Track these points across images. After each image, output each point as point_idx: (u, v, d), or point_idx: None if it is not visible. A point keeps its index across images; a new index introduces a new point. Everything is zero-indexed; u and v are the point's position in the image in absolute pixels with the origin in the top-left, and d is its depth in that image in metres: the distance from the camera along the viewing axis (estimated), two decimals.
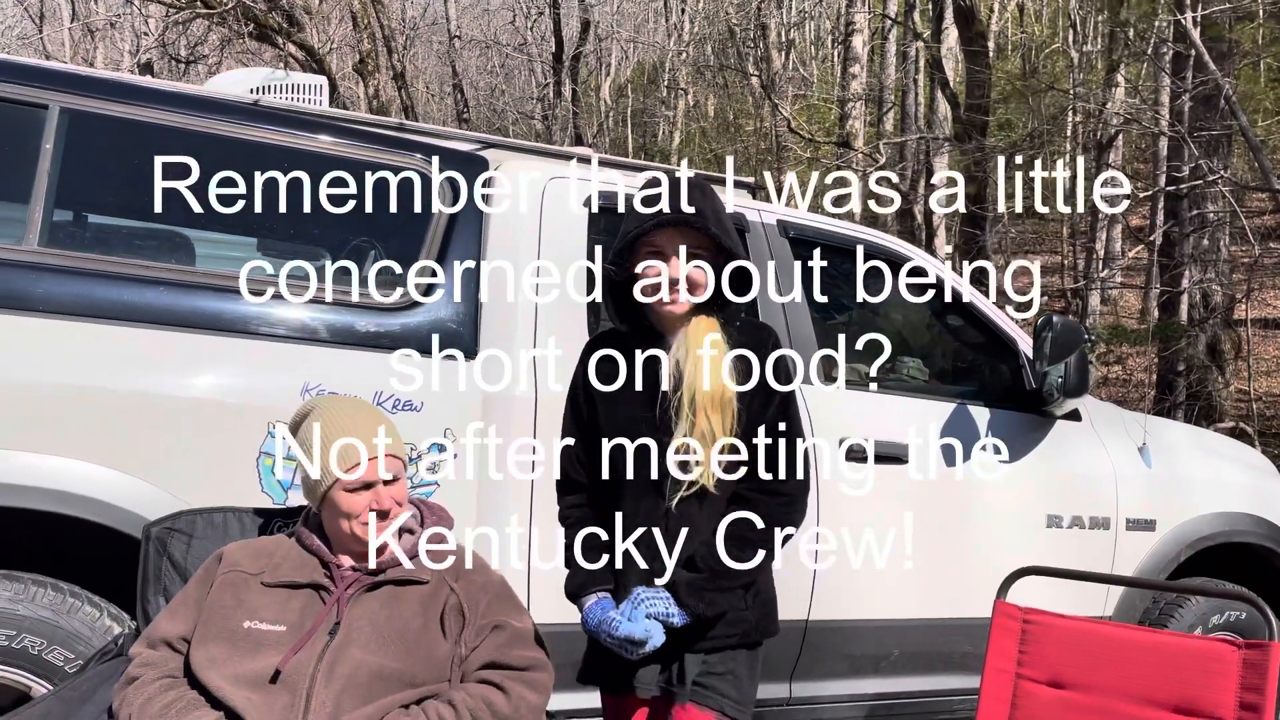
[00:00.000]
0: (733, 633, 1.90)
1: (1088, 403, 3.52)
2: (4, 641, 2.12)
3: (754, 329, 1.99)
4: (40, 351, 2.21)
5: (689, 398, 1.84)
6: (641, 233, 1.85)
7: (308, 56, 12.33)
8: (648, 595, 1.84)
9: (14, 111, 2.35)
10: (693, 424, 1.83)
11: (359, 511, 1.78)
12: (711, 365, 1.85)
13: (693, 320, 1.90)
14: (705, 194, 1.89)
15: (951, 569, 3.16)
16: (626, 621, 1.80)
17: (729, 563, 1.84)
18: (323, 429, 1.82)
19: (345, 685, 1.67)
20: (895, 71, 17.06)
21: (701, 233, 1.85)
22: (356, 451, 1.78)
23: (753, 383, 1.89)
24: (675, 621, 1.82)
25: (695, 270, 1.87)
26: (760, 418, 1.88)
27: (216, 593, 1.77)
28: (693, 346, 1.87)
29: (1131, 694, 1.86)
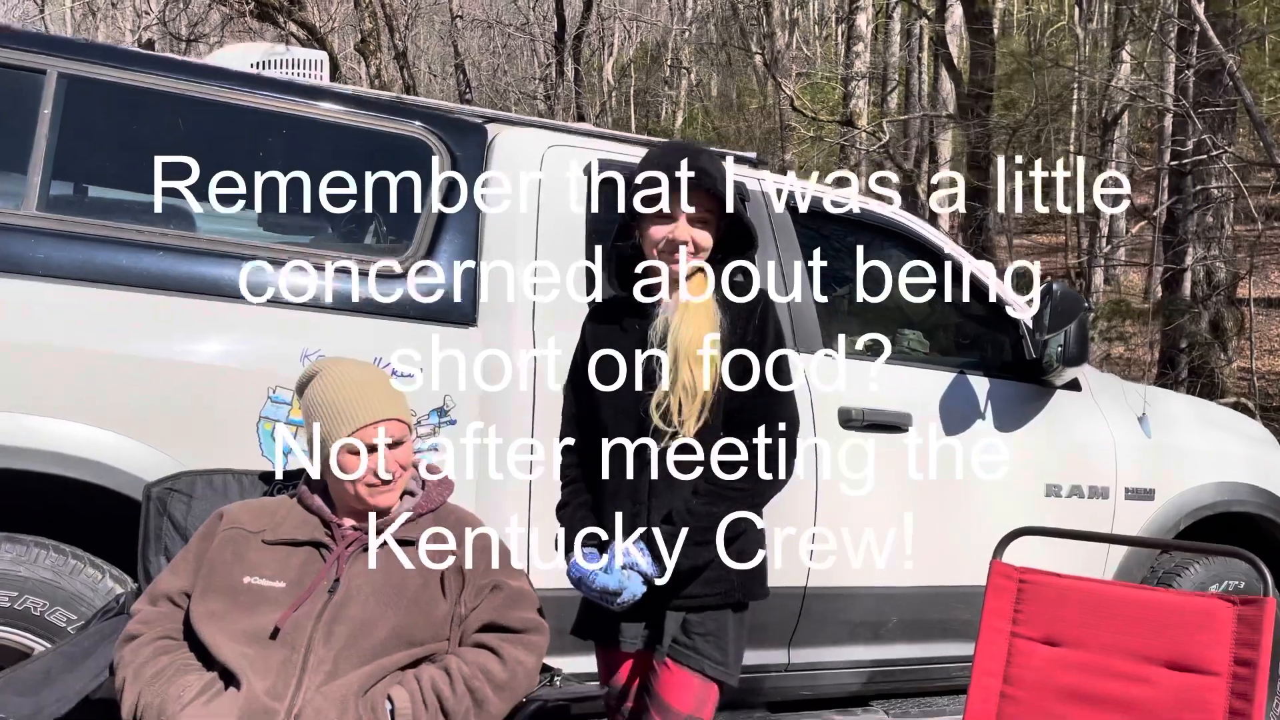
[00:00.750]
0: (713, 592, 1.91)
1: (1087, 372, 3.52)
2: (6, 603, 2.14)
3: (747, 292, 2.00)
4: (39, 315, 2.22)
5: (673, 352, 1.87)
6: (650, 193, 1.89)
7: (309, 35, 12.27)
8: (624, 546, 1.86)
9: (12, 77, 2.35)
10: (675, 376, 1.86)
11: (361, 474, 1.79)
12: (699, 321, 1.88)
13: (689, 279, 1.94)
14: (712, 157, 1.94)
15: (950, 537, 3.17)
16: (603, 574, 1.84)
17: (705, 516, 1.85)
18: (328, 392, 1.83)
19: (344, 644, 1.68)
20: (899, 50, 16.96)
21: (708, 193, 1.87)
22: (360, 414, 1.79)
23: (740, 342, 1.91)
24: (649, 571, 1.84)
25: (700, 232, 1.91)
26: (750, 374, 1.90)
27: (217, 549, 1.78)
28: (683, 304, 1.91)
29: (1126, 651, 1.87)
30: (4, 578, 2.14)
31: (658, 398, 1.87)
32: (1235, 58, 8.17)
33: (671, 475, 1.89)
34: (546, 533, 2.61)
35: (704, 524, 1.85)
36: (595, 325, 2.06)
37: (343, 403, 1.81)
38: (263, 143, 2.63)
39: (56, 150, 2.37)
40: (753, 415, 1.89)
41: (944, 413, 3.18)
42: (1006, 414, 3.28)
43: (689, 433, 1.86)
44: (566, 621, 2.14)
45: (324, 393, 1.83)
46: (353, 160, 2.76)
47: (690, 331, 1.86)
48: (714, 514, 1.86)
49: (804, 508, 2.91)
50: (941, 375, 3.24)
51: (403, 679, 1.70)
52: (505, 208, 2.76)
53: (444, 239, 2.68)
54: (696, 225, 1.91)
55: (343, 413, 1.80)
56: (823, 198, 3.29)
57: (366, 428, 1.79)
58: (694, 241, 1.90)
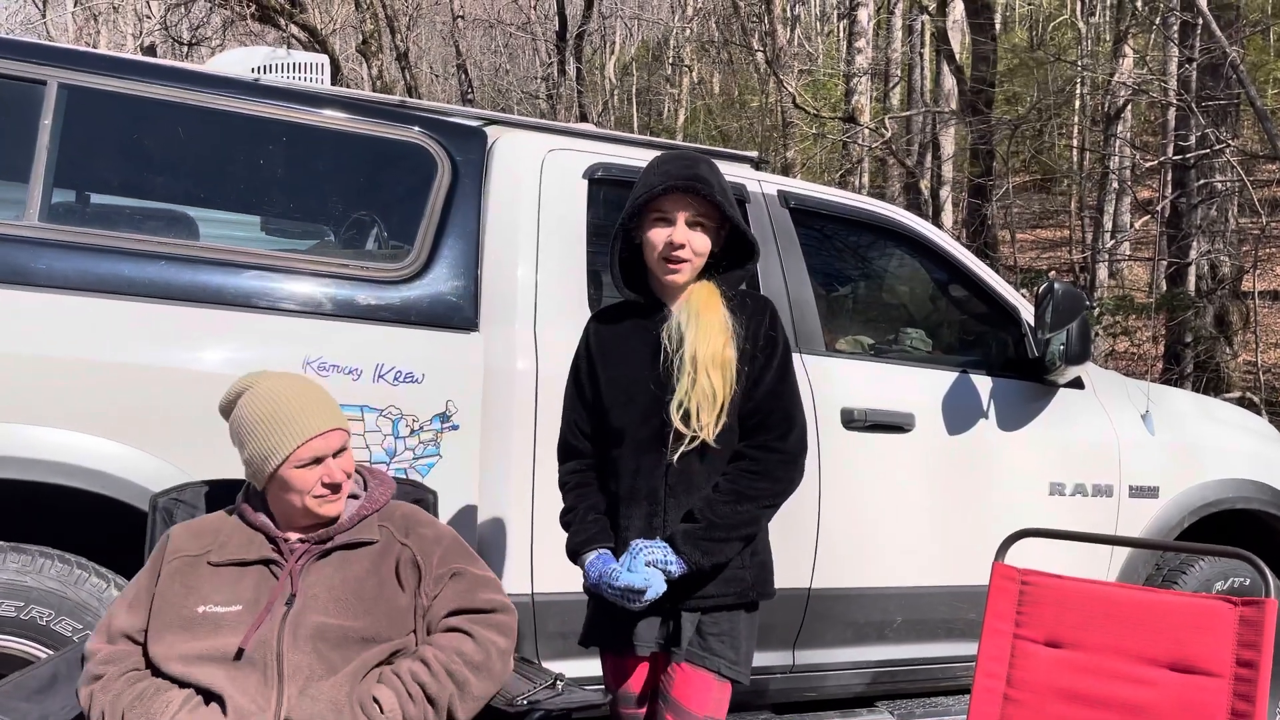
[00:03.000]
0: (729, 591, 1.94)
1: (1090, 370, 3.52)
2: (12, 613, 2.15)
3: (753, 299, 2.06)
4: (43, 326, 2.23)
5: (690, 356, 1.90)
6: (650, 197, 1.93)
7: (310, 38, 12.28)
8: (645, 544, 1.89)
9: (12, 88, 2.36)
10: (694, 381, 1.89)
11: (310, 486, 1.78)
12: (713, 326, 1.92)
13: (694, 286, 1.98)
14: (711, 167, 1.99)
15: (954, 537, 3.17)
16: (626, 571, 1.86)
17: (727, 514, 1.89)
18: (264, 408, 1.80)
19: (313, 647, 1.69)
20: (901, 46, 16.93)
21: (706, 200, 1.91)
22: (305, 428, 1.77)
23: (751, 348, 1.96)
24: (673, 570, 1.86)
25: (698, 236, 1.95)
26: (760, 379, 1.95)
27: (164, 583, 1.76)
28: (694, 310, 1.94)
29: (1128, 652, 1.87)
30: (10, 588, 2.15)
31: (678, 400, 1.90)
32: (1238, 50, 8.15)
33: (690, 476, 1.93)
34: (549, 537, 2.63)
35: (727, 522, 1.89)
36: (602, 330, 2.08)
37: (285, 418, 1.78)
38: (264, 150, 2.64)
39: (58, 160, 2.38)
40: (767, 418, 1.95)
41: (947, 412, 3.18)
42: (1009, 413, 3.28)
43: (710, 436, 1.90)
44: (571, 625, 2.15)
45: (261, 409, 1.80)
46: (353, 167, 2.77)
47: (709, 338, 1.90)
48: (737, 513, 1.90)
49: (807, 508, 2.92)
50: (944, 375, 3.24)
51: (384, 677, 1.71)
52: (506, 212, 2.77)
53: (445, 244, 2.68)
54: (694, 229, 1.95)
55: (286, 428, 1.77)
56: (823, 197, 3.29)
57: (312, 440, 1.78)
58: (692, 246, 1.94)
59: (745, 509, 1.91)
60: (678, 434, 1.90)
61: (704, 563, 1.88)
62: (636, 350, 1.99)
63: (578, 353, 2.11)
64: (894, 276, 3.77)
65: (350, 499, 1.91)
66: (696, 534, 1.88)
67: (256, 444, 1.79)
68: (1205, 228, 9.55)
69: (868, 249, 3.57)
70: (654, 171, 1.96)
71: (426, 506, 2.13)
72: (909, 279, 3.73)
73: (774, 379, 1.96)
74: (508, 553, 2.62)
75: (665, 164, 1.98)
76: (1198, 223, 9.62)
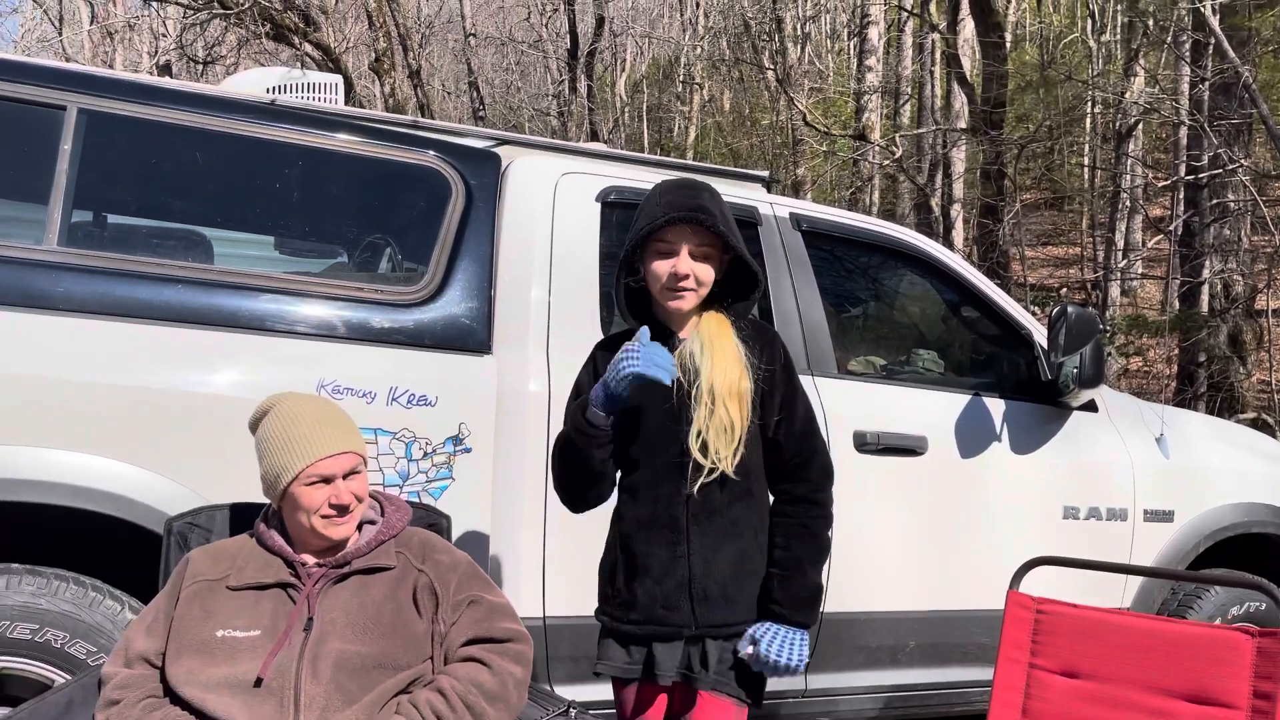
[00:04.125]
0: (747, 619, 1.93)
1: (1104, 393, 3.50)
2: (27, 635, 2.16)
3: (761, 330, 2.06)
4: (60, 349, 2.24)
5: (707, 388, 1.89)
6: (653, 229, 1.91)
7: (324, 55, 12.38)
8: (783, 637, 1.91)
9: (33, 113, 2.39)
10: (712, 412, 1.89)
11: (318, 506, 1.79)
12: (728, 356, 1.92)
13: (704, 316, 1.98)
14: (713, 195, 1.98)
15: (967, 561, 3.15)
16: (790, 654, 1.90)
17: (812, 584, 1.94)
18: (281, 425, 1.83)
19: (332, 677, 1.68)
20: (911, 63, 16.97)
21: (709, 230, 1.90)
22: (317, 447, 1.80)
23: (765, 380, 1.96)
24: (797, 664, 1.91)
25: (701, 267, 1.94)
26: (782, 419, 1.96)
27: (184, 607, 1.77)
28: (708, 340, 1.94)
29: (1145, 683, 1.85)
30: (26, 610, 2.16)
31: (696, 431, 1.89)
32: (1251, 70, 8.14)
33: (711, 504, 1.93)
34: (561, 560, 2.63)
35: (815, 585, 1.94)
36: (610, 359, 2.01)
37: (298, 437, 1.80)
38: (281, 174, 2.66)
39: (77, 184, 2.40)
40: (796, 460, 1.97)
41: (959, 435, 3.17)
42: (1023, 436, 3.27)
43: (729, 468, 1.90)
44: (583, 649, 2.14)
45: (279, 428, 1.83)
46: (369, 190, 2.79)
47: (724, 369, 1.90)
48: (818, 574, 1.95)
49: None
50: (957, 397, 3.23)
51: (401, 708, 1.70)
52: (519, 236, 2.78)
53: (459, 267, 2.69)
54: (698, 260, 1.93)
55: (298, 446, 1.80)
56: (835, 219, 3.30)
57: (323, 460, 1.79)
58: (695, 276, 1.92)
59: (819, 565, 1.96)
60: (696, 465, 1.90)
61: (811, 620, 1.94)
62: None
63: (580, 382, 2.08)
64: (906, 298, 3.77)
65: (367, 524, 1.91)
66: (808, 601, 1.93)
67: (270, 461, 1.82)
68: (1218, 247, 9.52)
69: (880, 271, 3.58)
70: (656, 202, 1.95)
71: (440, 531, 2.13)
72: (921, 301, 3.73)
73: (787, 407, 1.96)
74: (520, 576, 2.61)
75: (668, 194, 1.96)
76: (1210, 241, 9.59)
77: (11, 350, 2.20)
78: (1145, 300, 14.33)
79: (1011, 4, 17.87)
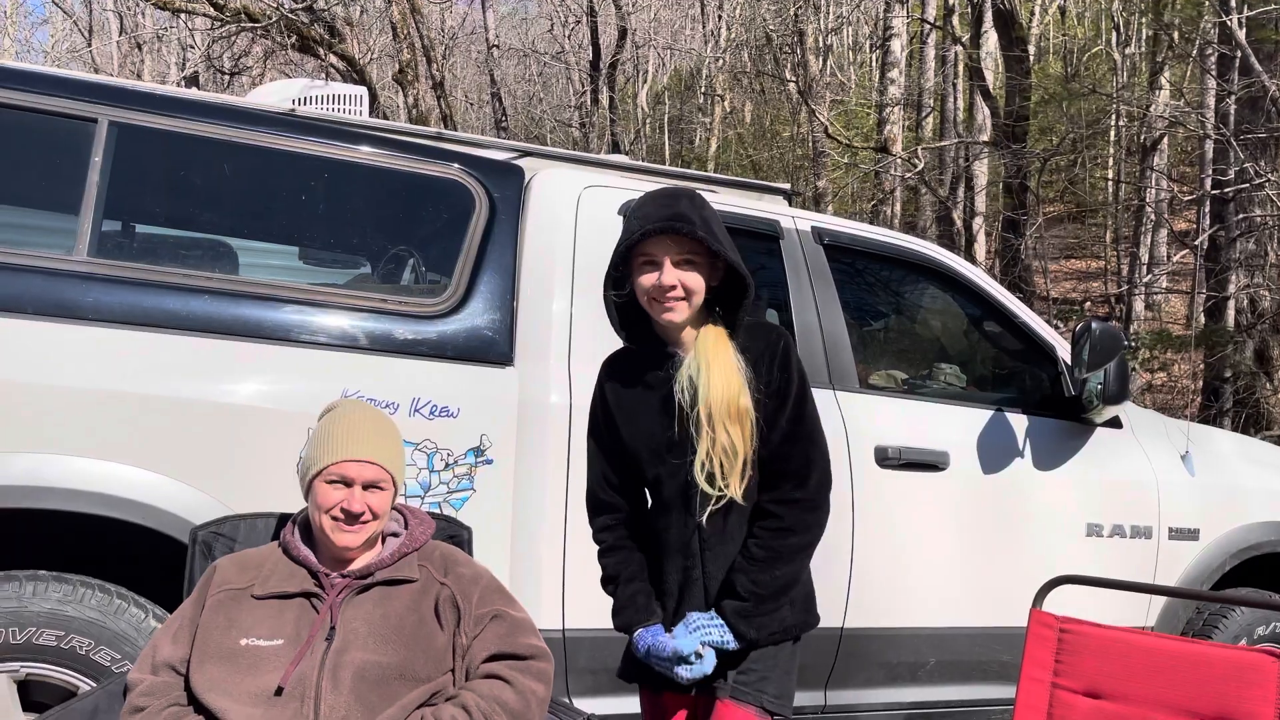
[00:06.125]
0: (774, 629, 1.91)
1: (1129, 410, 3.48)
2: (53, 642, 2.18)
3: (762, 331, 1.98)
4: (89, 359, 2.27)
5: (706, 413, 1.84)
6: (631, 243, 1.87)
7: (348, 67, 12.49)
8: (702, 623, 1.85)
9: (65, 125, 2.42)
10: (714, 439, 1.84)
11: (331, 506, 1.81)
12: (726, 374, 1.85)
13: (700, 331, 1.91)
14: (694, 201, 1.91)
15: (989, 578, 3.13)
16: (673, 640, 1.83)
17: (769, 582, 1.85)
18: (328, 423, 1.89)
19: (352, 688, 1.69)
20: (934, 76, 16.94)
21: (689, 238, 1.86)
22: (346, 449, 1.83)
23: (765, 387, 1.89)
24: (730, 647, 1.84)
25: (688, 275, 1.87)
26: (775, 421, 1.89)
27: (209, 615, 1.78)
28: (705, 359, 1.87)
29: (1169, 704, 1.83)
30: (52, 617, 2.18)
31: (700, 462, 1.85)
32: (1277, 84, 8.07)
33: (723, 529, 1.89)
34: (582, 572, 2.63)
35: (771, 590, 1.85)
36: (615, 384, 2.01)
37: (336, 435, 1.85)
38: (307, 186, 2.69)
39: (107, 196, 2.44)
40: (787, 464, 1.89)
41: (982, 451, 3.15)
42: (1046, 452, 3.24)
43: (737, 494, 1.85)
44: (604, 661, 2.14)
45: (325, 425, 1.90)
46: (392, 202, 2.81)
47: (721, 390, 1.84)
48: (777, 578, 1.86)
49: (841, 547, 2.90)
50: (979, 412, 3.21)
51: None
52: (542, 248, 2.79)
53: (482, 279, 2.71)
54: (684, 269, 1.87)
55: (330, 444, 1.84)
56: (857, 233, 3.29)
57: (348, 463, 1.82)
58: (683, 285, 1.87)
59: (784, 570, 1.87)
60: (704, 495, 1.86)
61: (759, 636, 1.86)
62: (651, 406, 1.94)
63: (593, 405, 2.06)
64: (928, 313, 3.76)
65: (390, 537, 1.93)
66: (747, 611, 1.85)
67: (307, 452, 1.89)
68: (1244, 261, 9.43)
69: (902, 285, 3.57)
70: (633, 216, 1.89)
71: (461, 543, 2.14)
72: (943, 315, 3.72)
73: (789, 421, 1.89)
74: (540, 587, 2.62)
75: (644, 206, 1.90)
76: (1237, 256, 9.50)
77: (42, 359, 2.23)
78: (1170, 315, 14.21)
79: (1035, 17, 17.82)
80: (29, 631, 2.16)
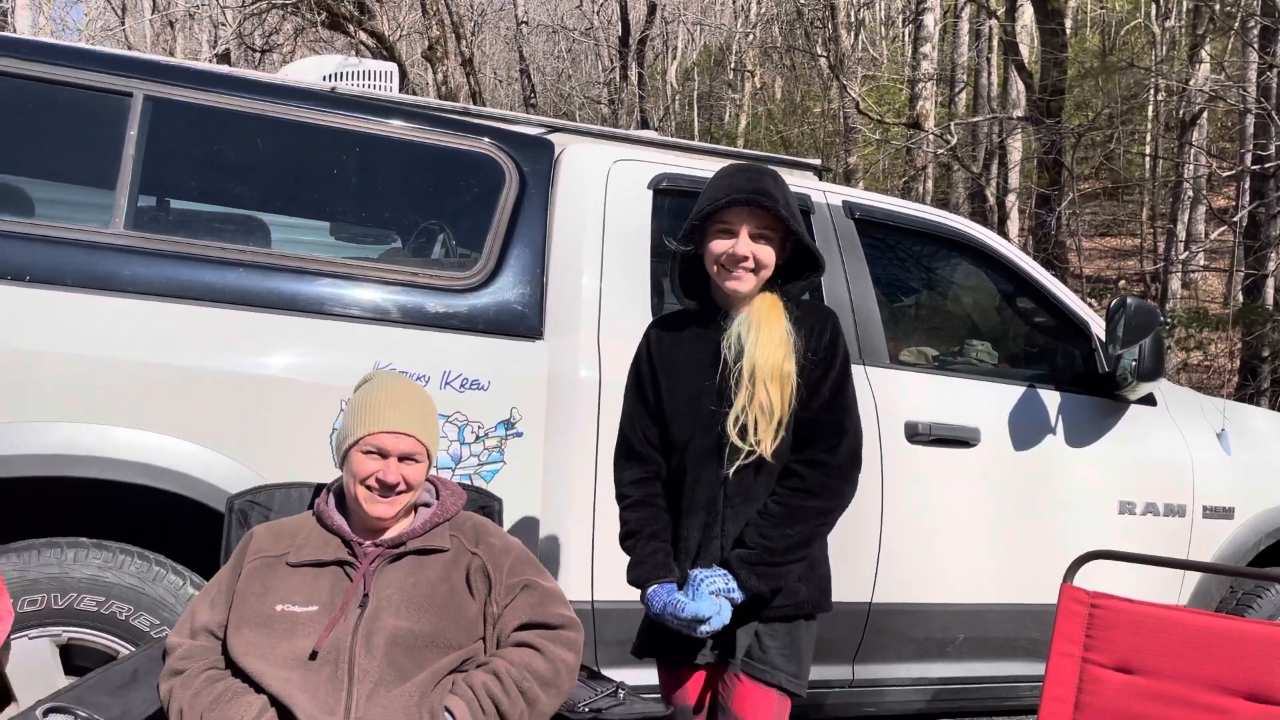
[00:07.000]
0: (785, 604, 1.93)
1: (1164, 387, 3.43)
2: (94, 607, 2.23)
3: (815, 310, 2.04)
4: (127, 331, 2.30)
5: (749, 369, 1.89)
6: (714, 209, 1.92)
7: (378, 44, 12.51)
8: (707, 574, 1.88)
9: (100, 99, 2.45)
10: (752, 395, 1.88)
11: (366, 475, 1.84)
12: (773, 340, 1.90)
13: (757, 297, 1.97)
14: (776, 180, 1.97)
15: (1019, 554, 3.11)
16: (691, 601, 1.84)
17: (779, 538, 1.87)
18: (364, 394, 1.92)
19: (385, 653, 1.72)
20: (968, 50, 16.69)
21: (771, 213, 1.91)
22: (383, 420, 1.85)
23: (811, 361, 1.94)
24: (736, 597, 1.86)
25: (762, 249, 1.93)
26: (817, 389, 1.93)
27: (246, 582, 1.82)
28: (755, 321, 1.93)
29: (1202, 680, 1.82)
30: (93, 583, 2.23)
31: (735, 415, 1.88)
32: None
33: (747, 488, 1.92)
34: (610, 545, 2.64)
35: (781, 546, 1.87)
36: (663, 337, 2.06)
37: (372, 406, 1.87)
38: (338, 160, 2.70)
39: (143, 169, 2.46)
40: (821, 430, 1.92)
41: (1013, 427, 3.13)
42: (1078, 429, 3.21)
43: (767, 451, 1.88)
44: (632, 633, 2.15)
45: (362, 395, 1.92)
46: (424, 176, 2.82)
47: (767, 351, 1.88)
48: (788, 536, 1.88)
49: (869, 522, 2.89)
50: (1010, 389, 3.19)
51: (455, 687, 1.73)
52: (571, 222, 2.79)
53: (512, 253, 2.72)
54: (758, 242, 1.93)
55: (367, 414, 1.87)
56: (888, 208, 3.27)
57: (383, 434, 1.84)
58: (755, 257, 1.92)
59: (797, 530, 1.89)
60: (734, 448, 1.89)
61: (763, 588, 1.87)
62: (696, 359, 1.98)
63: (638, 357, 2.10)
64: (960, 288, 3.73)
65: (422, 507, 1.95)
66: (753, 560, 1.87)
67: (344, 422, 1.92)
68: None
69: (933, 260, 3.54)
70: (718, 185, 1.96)
71: (492, 514, 2.16)
72: (975, 291, 3.68)
73: (830, 390, 1.93)
74: (569, 560, 2.64)
75: (730, 177, 1.97)
76: (1277, 233, 9.32)
77: (82, 331, 2.26)
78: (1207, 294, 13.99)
79: None
80: (70, 597, 2.21)
